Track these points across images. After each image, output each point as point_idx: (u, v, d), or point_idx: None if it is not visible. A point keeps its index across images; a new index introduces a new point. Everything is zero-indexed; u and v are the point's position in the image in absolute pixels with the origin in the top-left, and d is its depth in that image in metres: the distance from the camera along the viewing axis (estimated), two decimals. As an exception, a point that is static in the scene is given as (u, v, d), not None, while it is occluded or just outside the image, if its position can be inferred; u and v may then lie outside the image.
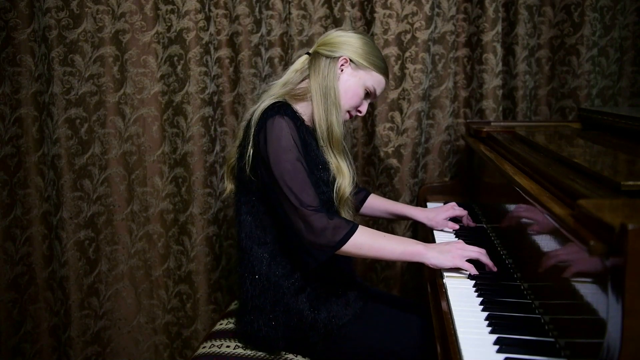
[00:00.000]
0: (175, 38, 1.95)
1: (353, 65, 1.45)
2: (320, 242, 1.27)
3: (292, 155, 1.30)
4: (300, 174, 1.29)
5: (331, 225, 1.27)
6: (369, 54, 1.46)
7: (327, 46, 1.46)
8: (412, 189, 2.13)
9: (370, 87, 1.48)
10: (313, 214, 1.27)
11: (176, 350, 2.13)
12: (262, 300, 1.36)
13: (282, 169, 1.29)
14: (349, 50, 1.45)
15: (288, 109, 1.36)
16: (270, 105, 1.36)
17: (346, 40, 1.46)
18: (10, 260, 1.95)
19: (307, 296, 1.36)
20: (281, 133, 1.30)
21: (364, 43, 1.47)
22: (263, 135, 1.31)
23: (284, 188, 1.28)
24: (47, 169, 1.96)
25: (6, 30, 1.85)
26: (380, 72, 1.48)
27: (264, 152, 1.31)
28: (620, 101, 2.16)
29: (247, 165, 1.35)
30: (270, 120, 1.31)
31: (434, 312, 1.20)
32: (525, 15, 2.07)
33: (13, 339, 1.98)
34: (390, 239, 1.34)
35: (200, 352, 1.40)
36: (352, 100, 1.47)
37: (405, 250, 1.31)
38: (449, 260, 1.28)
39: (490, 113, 2.08)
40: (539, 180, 1.14)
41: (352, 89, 1.46)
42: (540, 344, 0.95)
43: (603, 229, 0.75)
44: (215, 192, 2.07)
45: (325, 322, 1.34)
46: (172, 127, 2.01)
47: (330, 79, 1.42)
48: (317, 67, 1.44)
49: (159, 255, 2.08)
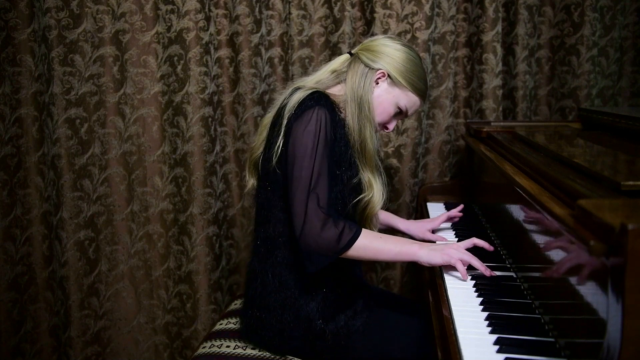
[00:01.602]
0: (175, 38, 1.95)
1: (390, 80, 1.39)
2: (323, 247, 1.23)
3: (322, 151, 1.24)
4: (323, 174, 1.24)
5: (337, 231, 1.23)
6: (409, 72, 1.39)
7: (369, 53, 1.40)
8: (412, 189, 2.13)
9: (402, 106, 1.41)
10: (323, 217, 1.22)
11: (176, 350, 2.13)
12: (271, 300, 1.33)
13: (307, 163, 1.23)
14: (390, 64, 1.38)
15: (328, 100, 1.30)
16: (309, 95, 1.29)
17: (389, 52, 1.39)
18: (10, 260, 1.95)
19: (318, 305, 1.32)
20: (318, 125, 1.24)
21: (407, 59, 1.39)
22: (299, 125, 1.25)
23: (302, 183, 1.23)
24: (47, 169, 1.96)
25: (6, 30, 1.85)
26: (416, 94, 1.41)
27: (297, 142, 1.25)
28: (620, 101, 2.16)
29: (275, 156, 1.29)
30: (309, 110, 1.25)
31: (434, 312, 1.20)
32: (525, 15, 2.07)
33: (13, 339, 1.98)
34: (386, 241, 1.31)
35: (200, 352, 1.40)
36: (381, 116, 1.41)
37: (401, 251, 1.29)
38: (439, 257, 1.27)
39: (490, 113, 2.08)
40: (539, 180, 1.14)
41: (383, 105, 1.40)
42: (540, 344, 0.95)
43: (603, 229, 0.75)
44: (215, 192, 2.07)
45: (333, 332, 1.32)
46: (172, 127, 2.01)
47: (365, 90, 1.36)
48: (355, 72, 1.38)
49: (159, 255, 2.08)
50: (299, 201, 1.23)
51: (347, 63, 1.41)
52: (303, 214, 1.23)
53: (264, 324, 1.34)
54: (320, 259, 1.25)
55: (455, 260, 1.25)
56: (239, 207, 2.15)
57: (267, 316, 1.34)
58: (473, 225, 1.69)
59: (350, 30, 2.08)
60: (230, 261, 2.17)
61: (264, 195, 1.36)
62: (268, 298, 1.34)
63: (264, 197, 1.36)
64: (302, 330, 1.32)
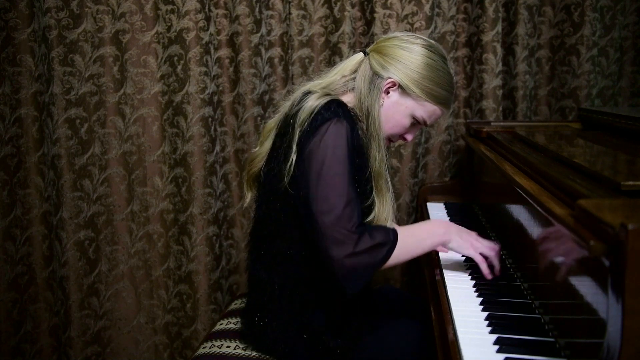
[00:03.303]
0: (175, 38, 1.95)
1: (401, 90, 1.24)
2: (361, 266, 1.12)
3: (345, 168, 1.13)
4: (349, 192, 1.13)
5: (373, 243, 1.13)
6: (425, 80, 1.23)
7: (380, 56, 1.25)
8: (412, 189, 2.13)
9: (419, 117, 1.27)
10: (355, 237, 1.11)
11: (176, 351, 2.13)
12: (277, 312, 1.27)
13: (328, 184, 1.12)
14: (401, 72, 1.23)
15: (345, 110, 1.17)
16: (325, 104, 1.16)
17: (403, 56, 1.24)
18: (10, 260, 1.95)
19: (325, 320, 1.27)
20: (340, 141, 1.13)
21: (424, 65, 1.23)
22: (316, 141, 1.13)
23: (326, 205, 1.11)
24: (47, 169, 1.96)
25: (6, 30, 1.85)
26: (435, 102, 1.26)
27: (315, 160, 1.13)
28: (620, 101, 2.16)
29: (287, 175, 1.17)
30: (326, 123, 1.13)
31: (434, 312, 1.20)
32: (525, 15, 2.07)
33: (13, 339, 1.98)
34: (415, 235, 1.23)
35: (200, 352, 1.40)
36: (393, 129, 1.29)
37: (433, 243, 1.24)
38: (468, 248, 1.23)
39: (490, 113, 2.08)
40: (539, 180, 1.14)
41: (394, 118, 1.26)
42: (540, 344, 0.95)
43: (603, 229, 0.75)
44: (215, 192, 2.07)
45: (341, 347, 1.26)
46: (172, 127, 2.01)
47: (372, 102, 1.22)
48: (363, 79, 1.24)
49: (159, 255, 2.08)
50: (323, 225, 1.12)
51: (359, 64, 1.28)
52: (329, 238, 1.11)
53: (267, 331, 1.29)
54: (360, 277, 1.15)
55: (480, 259, 1.22)
56: (239, 207, 2.15)
57: (271, 324, 1.28)
58: (473, 225, 1.69)
59: (350, 30, 2.07)
60: (230, 261, 2.17)
61: (270, 210, 1.25)
62: (274, 308, 1.27)
63: (270, 212, 1.25)
64: (307, 346, 1.26)
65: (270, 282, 1.28)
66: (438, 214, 1.84)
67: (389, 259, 1.16)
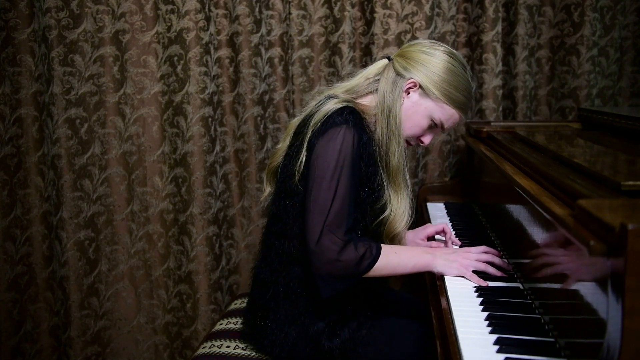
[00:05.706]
0: (175, 38, 1.95)
1: (421, 91, 1.29)
2: (341, 271, 1.17)
3: (346, 176, 1.17)
4: (344, 197, 1.17)
5: (358, 255, 1.17)
6: (445, 83, 1.28)
7: (404, 59, 1.31)
8: (412, 189, 2.13)
9: (437, 119, 1.31)
10: (340, 243, 1.16)
11: (176, 350, 2.13)
12: (279, 313, 1.29)
13: (326, 185, 1.16)
14: (423, 73, 1.28)
15: (357, 118, 1.22)
16: (339, 110, 1.21)
17: (425, 60, 1.29)
18: (10, 260, 1.95)
19: (326, 324, 1.28)
20: (345, 148, 1.17)
21: (445, 69, 1.29)
22: (323, 142, 1.18)
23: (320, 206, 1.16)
24: (47, 169, 1.96)
25: (6, 30, 1.85)
26: (453, 106, 1.30)
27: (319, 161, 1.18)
28: (620, 101, 2.16)
29: (297, 172, 1.22)
30: (336, 128, 1.18)
31: (434, 312, 1.20)
32: (525, 15, 2.07)
33: (13, 339, 1.98)
34: (400, 254, 1.26)
35: (200, 352, 1.40)
36: (412, 130, 1.32)
37: (416, 265, 1.26)
38: (454, 269, 1.25)
39: (490, 113, 2.08)
40: (539, 180, 1.14)
41: (414, 118, 1.31)
42: (540, 344, 0.95)
43: (603, 229, 0.75)
44: (215, 192, 2.07)
45: (340, 348, 1.27)
46: (172, 127, 2.01)
47: (394, 101, 1.27)
48: (386, 80, 1.29)
49: (159, 255, 2.08)
50: (314, 224, 1.17)
51: (384, 68, 1.34)
52: (317, 238, 1.16)
53: (268, 332, 1.30)
54: (337, 283, 1.19)
55: (470, 275, 1.24)
56: (239, 207, 2.15)
57: (272, 326, 1.29)
58: (473, 225, 1.69)
59: (350, 30, 2.08)
60: (230, 261, 2.17)
61: (281, 206, 1.29)
62: (276, 309, 1.29)
63: (281, 208, 1.29)
64: (307, 348, 1.28)
65: (275, 283, 1.30)
66: (438, 214, 1.84)
67: (369, 272, 1.20)
